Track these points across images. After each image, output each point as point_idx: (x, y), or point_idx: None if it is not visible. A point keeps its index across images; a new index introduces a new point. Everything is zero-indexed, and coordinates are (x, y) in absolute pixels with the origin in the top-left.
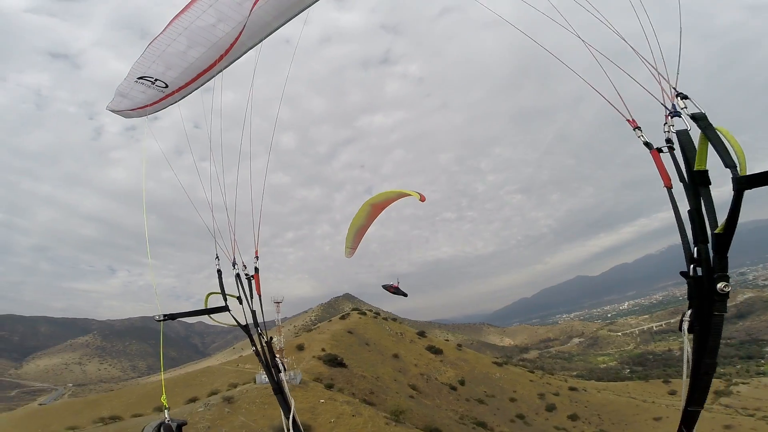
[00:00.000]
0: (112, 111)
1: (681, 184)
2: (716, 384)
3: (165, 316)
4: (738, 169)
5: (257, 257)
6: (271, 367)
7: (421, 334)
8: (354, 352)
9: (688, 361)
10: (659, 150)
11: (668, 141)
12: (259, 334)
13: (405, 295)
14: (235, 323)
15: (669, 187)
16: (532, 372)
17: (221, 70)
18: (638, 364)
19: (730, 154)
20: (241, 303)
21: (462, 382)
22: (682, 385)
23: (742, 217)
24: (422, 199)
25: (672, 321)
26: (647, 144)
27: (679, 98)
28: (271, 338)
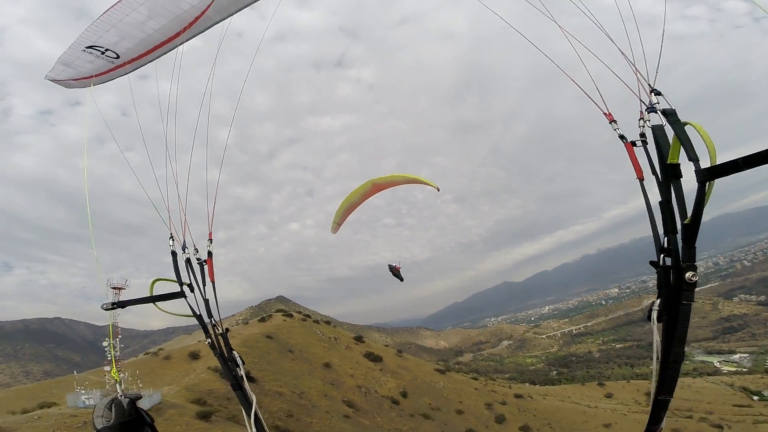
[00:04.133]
0: (52, 80)
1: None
2: (645, 386)
3: (114, 304)
4: (709, 161)
5: (210, 240)
6: (228, 361)
7: (359, 339)
8: (271, 362)
9: (656, 350)
10: (633, 143)
11: (642, 135)
12: (214, 325)
13: (401, 279)
14: (189, 312)
15: (641, 179)
16: (476, 379)
17: (181, 44)
18: (563, 366)
19: (693, 148)
20: (192, 290)
21: (404, 394)
22: (652, 374)
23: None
24: (438, 189)
25: (589, 324)
26: (622, 137)
27: (653, 94)
28: (227, 329)
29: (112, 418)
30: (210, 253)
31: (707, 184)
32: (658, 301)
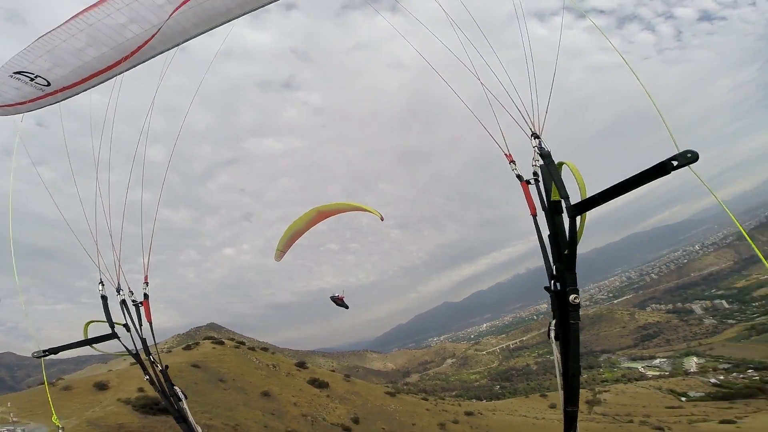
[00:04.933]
0: None
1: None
2: (585, 394)
3: (45, 351)
4: (578, 198)
5: (146, 282)
6: (170, 396)
7: (301, 365)
8: (198, 392)
9: (558, 366)
10: (528, 182)
11: (535, 174)
12: (152, 362)
13: (346, 307)
14: (125, 351)
15: (534, 215)
16: (426, 399)
17: (120, 74)
18: (505, 380)
19: (564, 186)
20: (129, 331)
21: (356, 420)
22: (559, 388)
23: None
24: (381, 219)
25: (524, 338)
26: (519, 176)
27: (533, 138)
28: (167, 366)
29: None
30: (146, 295)
31: (578, 218)
32: (554, 321)
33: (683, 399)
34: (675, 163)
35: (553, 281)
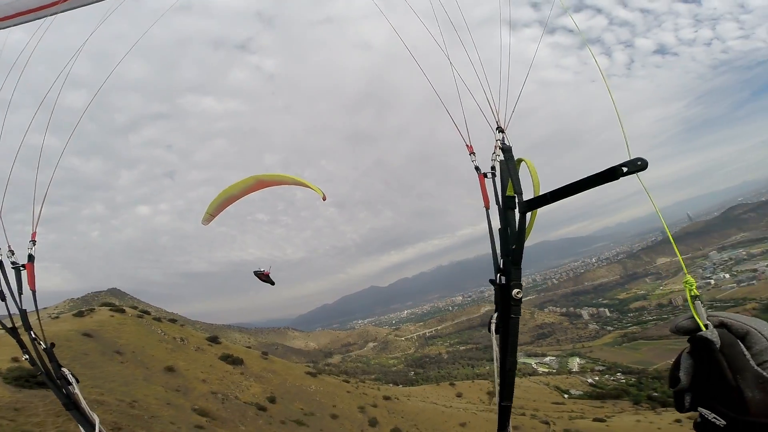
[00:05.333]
0: None
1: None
2: (486, 386)
3: None
4: (531, 195)
5: (34, 241)
6: (56, 379)
7: (213, 339)
8: (88, 365)
9: (496, 360)
10: (485, 175)
11: (493, 168)
12: (33, 339)
13: (272, 283)
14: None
15: (487, 208)
16: (347, 382)
17: (57, 13)
18: (419, 366)
19: (519, 182)
20: (4, 299)
21: (272, 400)
22: (495, 382)
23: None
24: (324, 198)
25: (439, 328)
26: (477, 168)
27: (497, 131)
28: (52, 344)
29: None
30: (32, 257)
31: (528, 214)
32: (495, 314)
33: (566, 396)
34: (625, 169)
35: (498, 275)
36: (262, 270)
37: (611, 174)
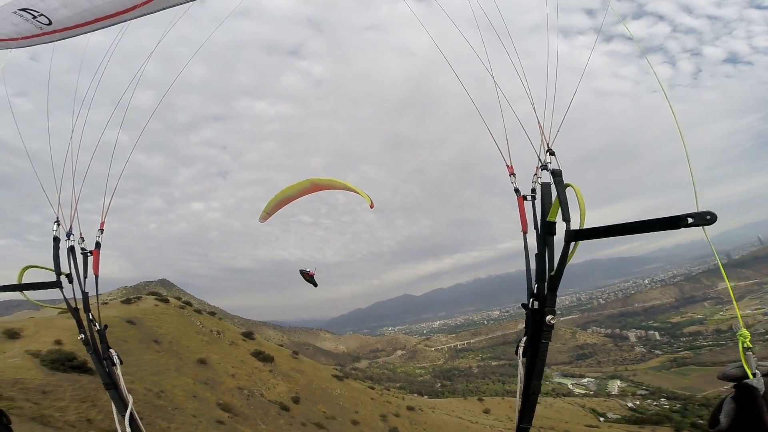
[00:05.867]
0: None
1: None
2: (515, 403)
3: None
4: (578, 224)
5: (102, 230)
6: (103, 359)
7: (248, 335)
8: (126, 352)
9: (520, 382)
10: (525, 197)
11: (533, 191)
12: (90, 321)
13: (315, 284)
14: (64, 305)
15: (524, 232)
16: (372, 388)
17: (130, 20)
18: (447, 378)
19: (568, 209)
20: (71, 282)
21: (296, 400)
22: (516, 404)
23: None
24: (372, 206)
25: (472, 341)
26: (517, 190)
27: (548, 154)
28: (105, 326)
29: None
30: (98, 244)
31: (573, 243)
32: (525, 338)
33: (601, 419)
34: (690, 220)
35: (531, 299)
36: (308, 270)
37: (674, 222)
